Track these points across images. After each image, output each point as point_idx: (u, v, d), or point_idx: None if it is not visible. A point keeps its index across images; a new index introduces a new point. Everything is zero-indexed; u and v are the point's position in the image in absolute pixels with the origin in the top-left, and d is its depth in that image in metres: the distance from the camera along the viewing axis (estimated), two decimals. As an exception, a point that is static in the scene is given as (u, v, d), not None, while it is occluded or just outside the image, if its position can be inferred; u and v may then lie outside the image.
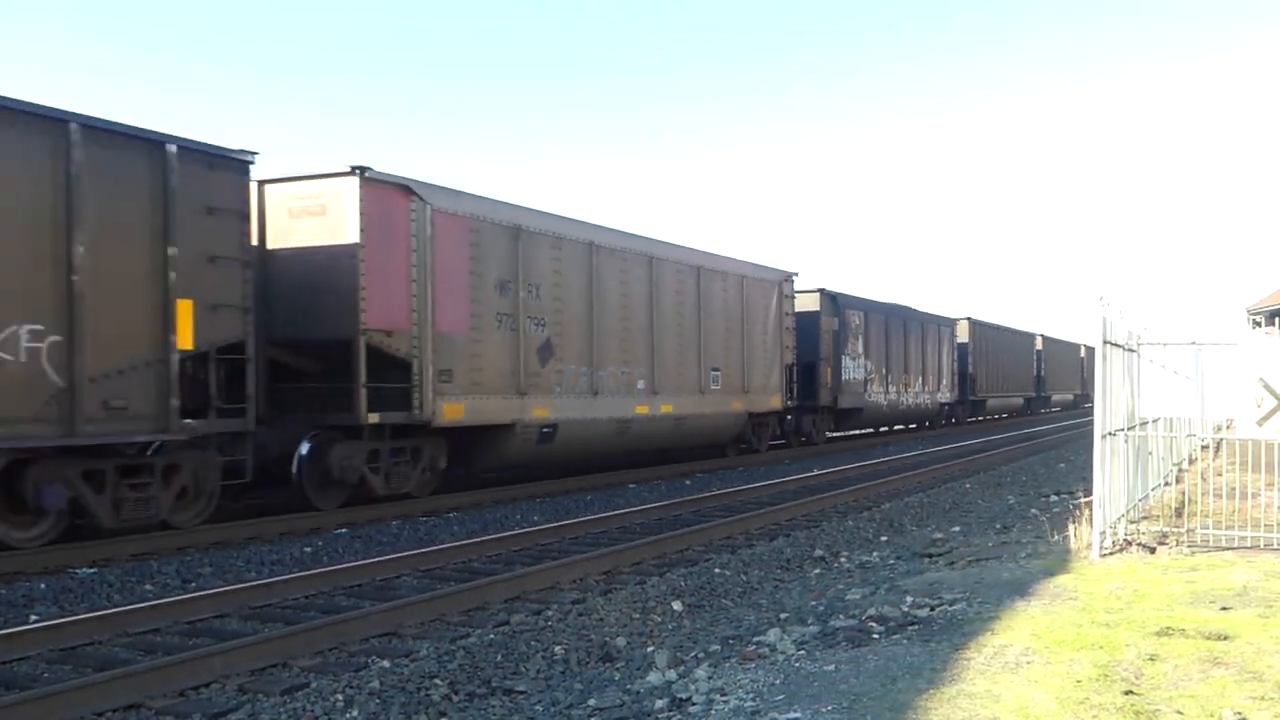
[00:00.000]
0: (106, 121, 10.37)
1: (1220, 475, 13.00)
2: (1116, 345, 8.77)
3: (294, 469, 13.00)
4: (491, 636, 7.36)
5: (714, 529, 12.00)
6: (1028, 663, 5.16)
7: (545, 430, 16.13)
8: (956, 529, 12.18)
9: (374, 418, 13.17)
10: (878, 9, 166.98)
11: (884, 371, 30.78)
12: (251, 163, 11.81)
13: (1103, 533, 8.45)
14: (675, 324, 19.75)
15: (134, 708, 5.73)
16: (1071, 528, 9.59)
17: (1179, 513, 9.94)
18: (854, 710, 4.52)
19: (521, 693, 6.20)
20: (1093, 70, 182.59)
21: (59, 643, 6.97)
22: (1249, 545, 8.59)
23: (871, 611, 6.78)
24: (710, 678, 5.63)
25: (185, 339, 10.95)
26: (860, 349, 29.07)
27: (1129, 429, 9.32)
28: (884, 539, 12.11)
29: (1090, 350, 9.21)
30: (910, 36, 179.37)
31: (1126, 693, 4.65)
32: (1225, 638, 5.59)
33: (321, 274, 13.09)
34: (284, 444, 12.97)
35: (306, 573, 9.15)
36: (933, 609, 6.67)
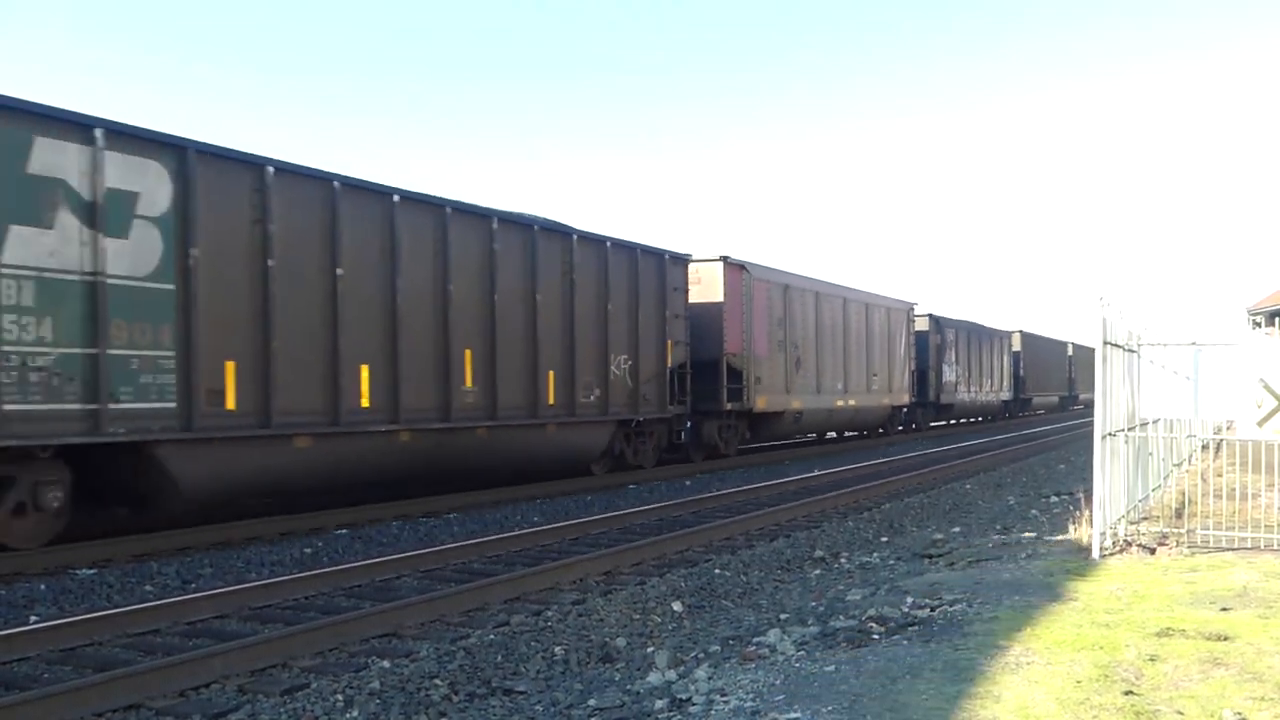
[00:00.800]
0: (646, 246, 18.87)
1: (1220, 476, 12.99)
2: (1117, 346, 8.77)
3: (682, 438, 21.26)
4: (491, 637, 7.36)
5: (714, 530, 12.00)
6: (1028, 663, 5.16)
7: (797, 415, 25.00)
8: (957, 530, 12.18)
9: (729, 405, 21.73)
10: (878, 9, 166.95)
11: (967, 375, 39.14)
12: (690, 259, 20.79)
13: (1103, 533, 8.45)
14: (856, 345, 28.24)
15: (134, 708, 5.73)
16: (1072, 528, 9.60)
17: (1179, 513, 9.94)
18: (854, 711, 4.52)
19: (521, 693, 6.20)
20: (1093, 70, 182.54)
21: (59, 643, 6.97)
22: (1249, 546, 8.59)
23: (872, 612, 6.77)
24: (710, 678, 5.63)
25: (670, 361, 19.55)
26: (953, 358, 37.50)
27: (1129, 430, 9.32)
28: (884, 540, 12.11)
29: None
30: (910, 37, 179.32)
31: (1126, 693, 4.65)
32: (1225, 638, 5.59)
33: (704, 320, 21.26)
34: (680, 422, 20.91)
35: (306, 573, 9.15)
36: (933, 610, 6.67)
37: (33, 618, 7.92)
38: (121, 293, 10.17)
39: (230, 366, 11.20)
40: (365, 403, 12.82)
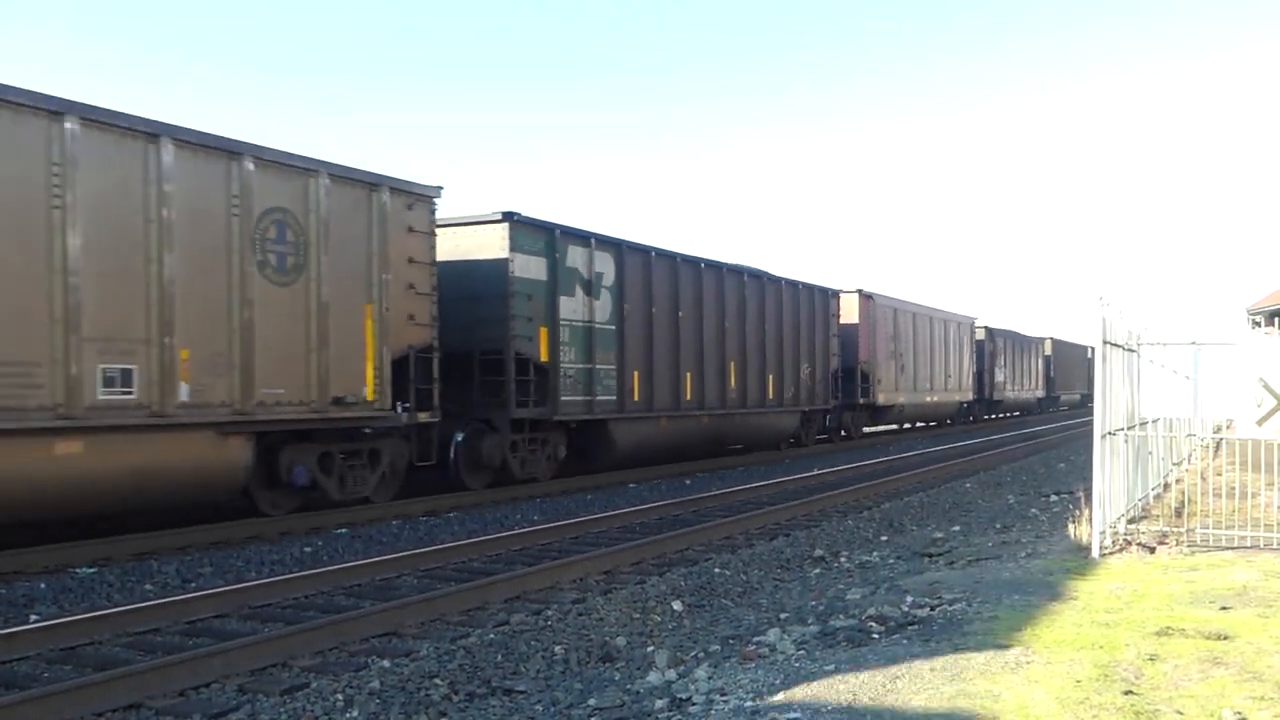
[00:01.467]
0: (819, 286, 25.99)
1: (1220, 475, 12.99)
2: (1116, 345, 8.77)
3: (828, 423, 29.05)
4: (491, 636, 7.36)
5: (714, 529, 12.00)
6: (1028, 662, 5.16)
7: (902, 408, 32.38)
8: (956, 529, 12.19)
9: (861, 400, 29.11)
10: (878, 9, 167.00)
11: (1012, 376, 45.49)
12: (841, 292, 27.89)
13: (1103, 532, 8.46)
14: (939, 353, 35.46)
15: (134, 708, 5.73)
16: (1071, 527, 9.60)
17: (1179, 512, 9.94)
18: (853, 710, 4.53)
19: (521, 693, 6.20)
20: (1093, 70, 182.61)
21: (59, 643, 6.97)
22: (1249, 545, 8.59)
23: (871, 611, 6.78)
24: (710, 677, 5.63)
25: (831, 367, 27.01)
26: (1002, 362, 44.16)
27: (1129, 429, 9.32)
28: (884, 539, 12.11)
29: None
30: (910, 36, 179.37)
31: (1126, 693, 4.65)
32: (1225, 638, 5.59)
33: (849, 339, 28.54)
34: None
35: (306, 572, 9.15)
36: (933, 609, 6.68)
37: (33, 616, 7.92)
38: (599, 332, 17.44)
39: (635, 375, 18.41)
40: (689, 397, 20.17)
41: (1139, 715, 4.37)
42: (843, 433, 29.86)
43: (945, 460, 22.47)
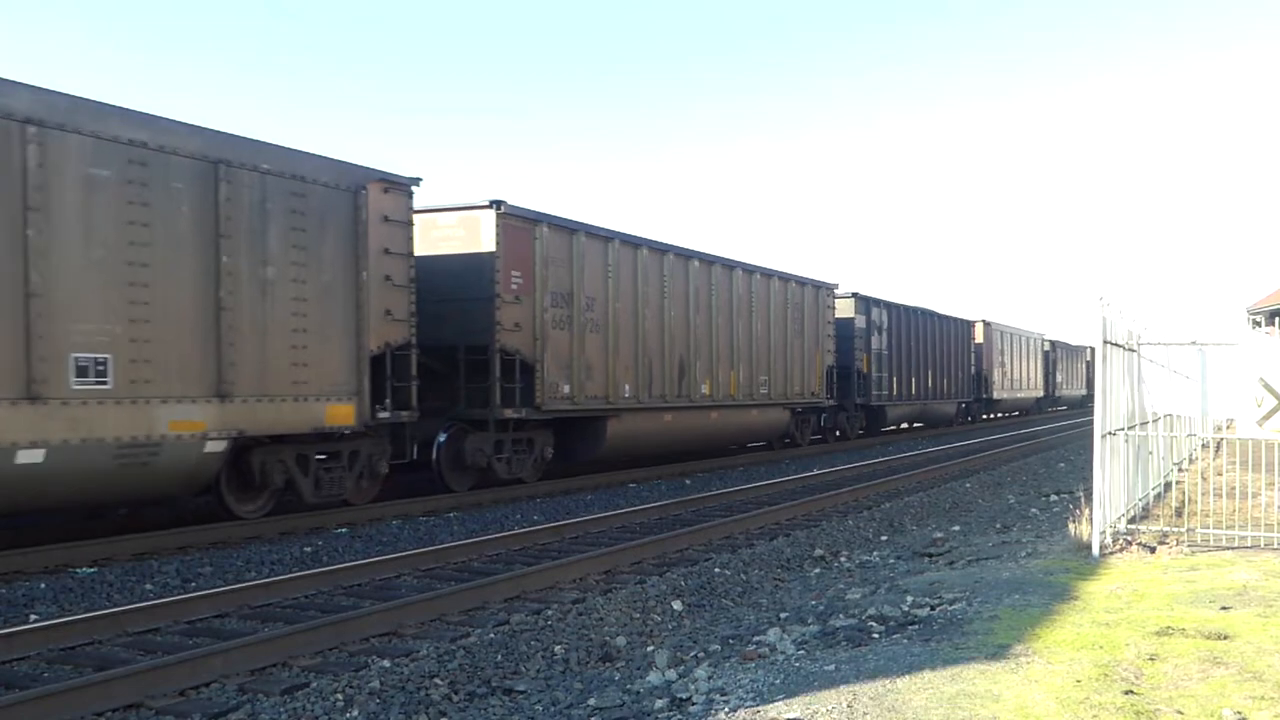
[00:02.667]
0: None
1: (1220, 475, 12.99)
2: (1117, 345, 8.77)
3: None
4: (491, 636, 7.36)
5: (714, 529, 12.00)
6: (1028, 662, 5.16)
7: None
8: (957, 528, 12.19)
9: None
10: (878, 9, 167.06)
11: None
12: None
13: (1103, 532, 8.46)
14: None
15: (134, 707, 5.73)
16: (1072, 527, 9.59)
17: (1179, 512, 9.94)
18: (853, 710, 4.52)
19: (521, 692, 6.20)
20: (1093, 70, 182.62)
21: (59, 642, 6.97)
22: (1249, 545, 8.59)
23: (872, 611, 6.78)
24: (710, 677, 5.63)
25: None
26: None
27: (1129, 429, 9.32)
28: (884, 539, 12.11)
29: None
30: (908, 37, 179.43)
31: (1126, 692, 4.65)
32: (1225, 637, 5.59)
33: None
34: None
35: (306, 572, 9.15)
36: (933, 608, 6.67)
37: (33, 616, 7.92)
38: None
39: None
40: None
41: (1139, 715, 4.37)
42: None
43: (945, 460, 22.46)
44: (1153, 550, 8.37)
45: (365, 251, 12.71)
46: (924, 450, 25.73)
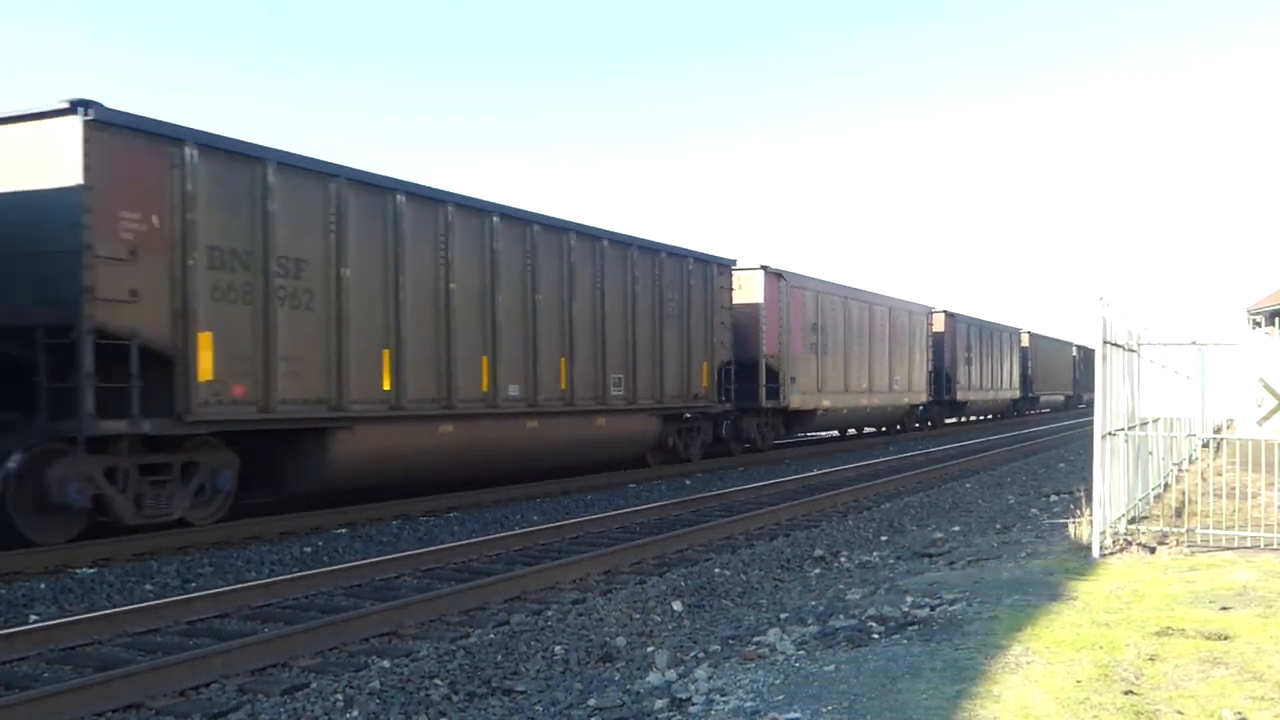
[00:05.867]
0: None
1: (1220, 475, 12.99)
2: (1117, 345, 8.77)
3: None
4: (491, 636, 7.36)
5: (714, 529, 12.00)
6: (1028, 663, 5.16)
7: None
8: (956, 529, 12.18)
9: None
10: (878, 9, 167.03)
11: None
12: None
13: (1103, 532, 8.45)
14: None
15: (134, 708, 5.73)
16: (1071, 527, 9.60)
17: (1179, 512, 9.94)
18: (854, 711, 4.52)
19: (521, 693, 6.20)
20: (1093, 70, 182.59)
21: (59, 643, 6.96)
22: (1249, 545, 8.59)
23: (871, 611, 6.77)
24: (710, 678, 5.63)
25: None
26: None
27: (1129, 429, 9.32)
28: (884, 539, 12.11)
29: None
30: (908, 37, 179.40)
31: (1126, 693, 4.65)
32: (1225, 638, 5.59)
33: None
34: None
35: (306, 572, 9.15)
36: (933, 609, 6.67)
37: (33, 617, 7.91)
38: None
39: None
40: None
41: (1139, 715, 4.37)
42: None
43: (945, 461, 22.46)
44: (1153, 550, 8.37)
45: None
46: (924, 451, 25.53)
